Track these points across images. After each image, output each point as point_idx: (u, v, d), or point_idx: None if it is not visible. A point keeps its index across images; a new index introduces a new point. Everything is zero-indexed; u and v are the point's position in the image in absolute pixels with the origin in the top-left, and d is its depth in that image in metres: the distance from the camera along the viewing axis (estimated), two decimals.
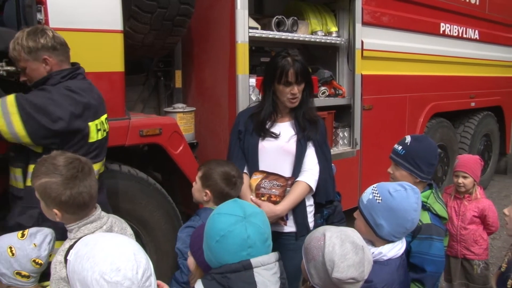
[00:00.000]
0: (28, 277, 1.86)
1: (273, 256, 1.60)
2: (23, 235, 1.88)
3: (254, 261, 1.52)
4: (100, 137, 2.33)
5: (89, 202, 1.84)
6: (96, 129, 2.29)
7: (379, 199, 1.92)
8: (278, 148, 2.60)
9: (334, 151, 4.31)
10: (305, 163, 2.60)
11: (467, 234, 3.44)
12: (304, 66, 2.55)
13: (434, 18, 5.55)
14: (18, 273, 1.84)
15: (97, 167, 2.30)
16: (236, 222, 1.53)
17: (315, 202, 2.72)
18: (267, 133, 2.62)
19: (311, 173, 2.59)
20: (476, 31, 6.35)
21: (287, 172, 2.60)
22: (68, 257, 1.40)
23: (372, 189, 1.97)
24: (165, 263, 3.25)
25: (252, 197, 2.54)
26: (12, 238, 1.88)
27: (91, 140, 2.27)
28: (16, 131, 2.09)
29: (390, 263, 1.94)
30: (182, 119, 3.53)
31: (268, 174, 2.57)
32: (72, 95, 2.19)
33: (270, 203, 2.49)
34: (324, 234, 1.65)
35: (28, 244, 1.86)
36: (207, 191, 2.40)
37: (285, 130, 2.64)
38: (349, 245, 1.61)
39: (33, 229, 1.93)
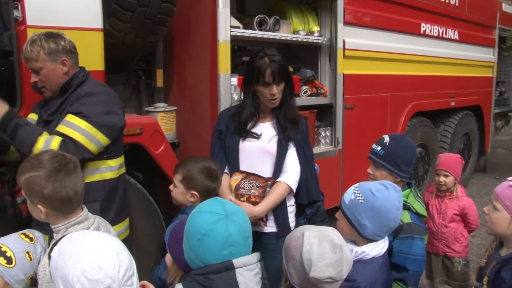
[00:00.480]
0: (35, 281, 1.83)
1: (255, 256, 1.59)
2: (31, 239, 1.85)
3: (236, 261, 1.51)
4: None
5: (73, 198, 1.80)
6: None
7: (361, 199, 1.92)
8: (259, 149, 2.59)
9: (316, 150, 4.32)
10: (286, 164, 2.59)
11: (448, 232, 3.49)
12: (282, 66, 2.52)
13: (415, 18, 5.61)
14: (31, 278, 1.81)
15: (119, 161, 2.52)
16: (218, 220, 1.52)
17: (297, 203, 2.71)
18: (248, 134, 2.60)
19: (291, 173, 2.58)
20: (456, 32, 6.44)
21: (267, 172, 2.58)
22: (51, 254, 1.39)
23: (354, 189, 1.97)
24: (147, 263, 3.21)
25: (232, 198, 2.52)
26: (23, 243, 1.83)
27: None
28: (102, 143, 2.32)
29: (373, 261, 1.94)
30: (164, 118, 3.50)
31: (248, 175, 2.56)
32: (111, 91, 2.47)
33: (249, 204, 2.47)
34: (303, 233, 1.65)
35: (39, 248, 1.85)
36: (194, 192, 2.37)
37: (266, 130, 2.62)
38: (327, 245, 1.61)
39: (34, 232, 1.91)
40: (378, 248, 1.96)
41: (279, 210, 2.58)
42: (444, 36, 6.23)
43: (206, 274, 1.49)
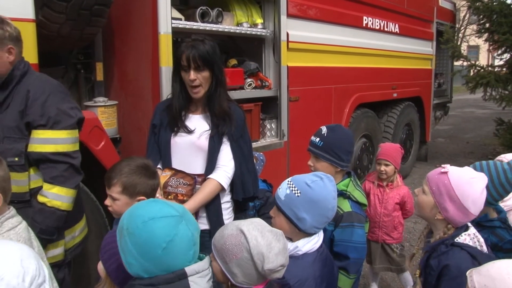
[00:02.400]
0: None
1: (207, 261, 1.53)
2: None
3: (189, 269, 1.44)
4: None
5: None
6: None
7: (297, 193, 1.90)
8: (190, 144, 2.50)
9: (262, 142, 4.33)
10: (219, 160, 2.50)
11: (389, 221, 3.60)
12: (204, 52, 2.39)
13: (357, 11, 5.73)
14: None
15: None
16: (177, 223, 1.43)
17: (233, 199, 2.64)
18: (180, 128, 2.52)
19: (223, 169, 2.49)
20: (397, 25, 6.63)
21: (200, 169, 2.51)
22: None
23: (288, 184, 1.95)
24: (91, 263, 3.12)
25: (159, 196, 2.42)
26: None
27: None
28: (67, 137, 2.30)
29: (305, 257, 1.93)
30: (104, 113, 3.39)
31: (176, 172, 2.47)
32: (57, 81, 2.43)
33: (177, 202, 2.40)
34: (241, 229, 1.58)
35: None
36: (141, 198, 2.10)
37: (199, 124, 2.54)
38: (269, 234, 1.58)
39: None
40: (310, 244, 1.94)
41: (211, 207, 2.51)
42: (386, 29, 6.40)
43: (158, 284, 1.40)
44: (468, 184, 1.89)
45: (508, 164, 2.28)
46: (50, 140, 2.21)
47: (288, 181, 1.96)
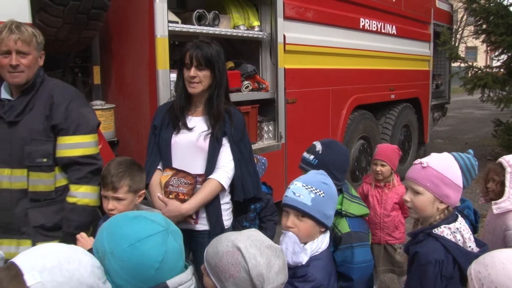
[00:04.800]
0: None
1: (190, 272, 1.49)
2: None
3: (171, 282, 1.40)
4: None
5: None
6: None
7: (321, 194, 1.90)
8: (191, 144, 2.52)
9: (259, 145, 4.34)
10: (219, 160, 2.52)
11: (390, 221, 3.59)
12: (208, 53, 2.46)
13: (354, 13, 5.74)
14: None
15: None
16: (165, 239, 1.38)
17: (233, 200, 2.65)
18: (180, 128, 2.54)
19: (224, 170, 2.51)
20: (394, 27, 6.65)
21: (200, 169, 2.52)
22: None
23: (308, 188, 1.92)
24: None
25: (160, 195, 2.46)
26: None
27: None
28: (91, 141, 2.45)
29: (323, 254, 1.94)
30: (101, 116, 3.40)
31: (177, 172, 2.49)
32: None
33: (177, 201, 2.41)
34: (237, 246, 1.50)
35: None
36: (142, 192, 2.35)
37: (199, 125, 2.56)
38: (268, 251, 1.52)
39: None
40: (327, 237, 1.98)
41: (211, 208, 2.52)
42: (383, 31, 6.42)
43: None
44: (449, 165, 2.05)
45: (468, 152, 2.54)
46: (77, 145, 2.38)
47: (305, 185, 1.92)
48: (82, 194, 2.38)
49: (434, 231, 1.96)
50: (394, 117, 7.00)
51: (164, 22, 3.38)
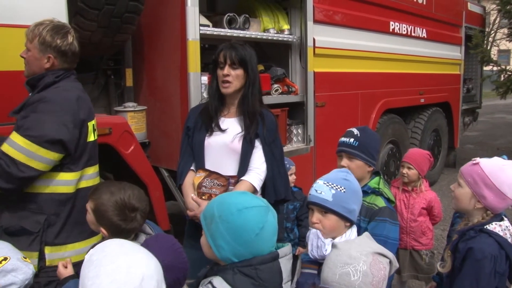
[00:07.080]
0: None
1: (290, 247, 1.67)
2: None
3: (281, 251, 1.60)
4: (95, 137, 2.47)
5: None
6: (93, 129, 2.42)
7: (343, 190, 1.95)
8: (224, 146, 2.54)
9: (288, 148, 4.34)
10: (252, 162, 2.54)
11: (416, 226, 3.54)
12: (242, 53, 2.50)
13: (384, 16, 5.69)
14: None
15: (76, 176, 2.33)
16: (266, 212, 1.58)
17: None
18: (213, 130, 2.57)
19: (256, 172, 2.53)
20: (424, 30, 6.56)
21: (232, 170, 2.54)
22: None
23: (328, 185, 1.97)
24: None
25: (193, 196, 2.49)
26: None
27: (88, 140, 2.38)
28: (50, 158, 2.18)
29: None
30: (133, 118, 3.47)
31: (210, 173, 2.52)
32: (70, 100, 2.29)
33: None
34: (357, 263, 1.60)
35: None
36: (103, 230, 1.97)
37: (232, 126, 2.58)
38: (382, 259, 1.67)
39: (8, 266, 1.93)
40: (355, 231, 2.01)
41: None
42: (413, 34, 6.34)
43: (255, 265, 1.54)
44: (500, 170, 2.01)
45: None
46: (8, 140, 2.18)
47: (326, 182, 1.98)
48: None
49: (486, 227, 1.99)
50: (424, 121, 6.91)
51: (196, 25, 3.41)
